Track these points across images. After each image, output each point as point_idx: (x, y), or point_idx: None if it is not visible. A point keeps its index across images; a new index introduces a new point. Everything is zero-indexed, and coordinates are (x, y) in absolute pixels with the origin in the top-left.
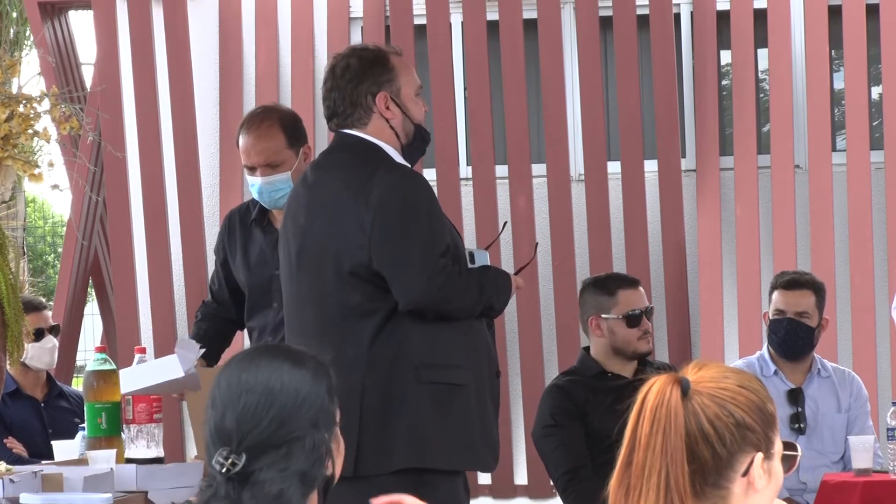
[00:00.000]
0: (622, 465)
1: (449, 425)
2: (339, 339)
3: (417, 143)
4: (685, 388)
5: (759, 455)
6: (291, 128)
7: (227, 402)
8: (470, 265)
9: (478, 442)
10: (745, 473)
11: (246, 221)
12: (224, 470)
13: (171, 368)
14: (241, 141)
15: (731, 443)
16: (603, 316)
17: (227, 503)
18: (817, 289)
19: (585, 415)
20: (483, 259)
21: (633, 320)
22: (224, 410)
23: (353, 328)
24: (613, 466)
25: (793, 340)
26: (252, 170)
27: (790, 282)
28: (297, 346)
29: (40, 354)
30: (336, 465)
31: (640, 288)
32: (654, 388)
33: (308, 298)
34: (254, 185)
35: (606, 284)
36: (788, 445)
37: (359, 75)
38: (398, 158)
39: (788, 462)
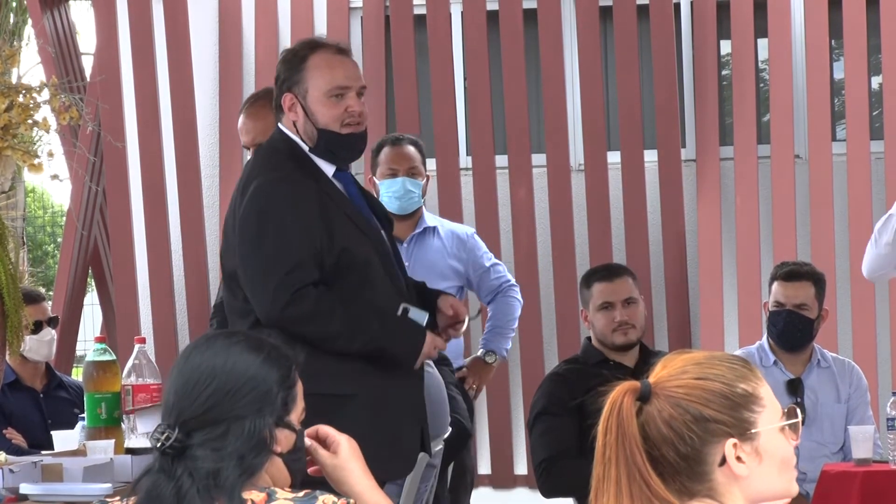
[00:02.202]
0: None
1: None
2: None
3: (323, 145)
4: (645, 394)
5: (731, 441)
6: None
7: (173, 378)
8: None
9: (373, 452)
10: (723, 463)
11: None
12: (159, 444)
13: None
14: (239, 122)
15: (692, 439)
16: (586, 309)
17: (162, 476)
18: (817, 280)
19: (584, 405)
20: (419, 318)
21: (605, 312)
22: (170, 387)
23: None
24: None
25: (791, 332)
26: (248, 149)
27: (789, 273)
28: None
29: (38, 346)
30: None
31: (619, 279)
32: (609, 399)
33: None
34: None
35: (588, 278)
36: (789, 412)
37: (278, 75)
38: (314, 158)
39: (793, 428)
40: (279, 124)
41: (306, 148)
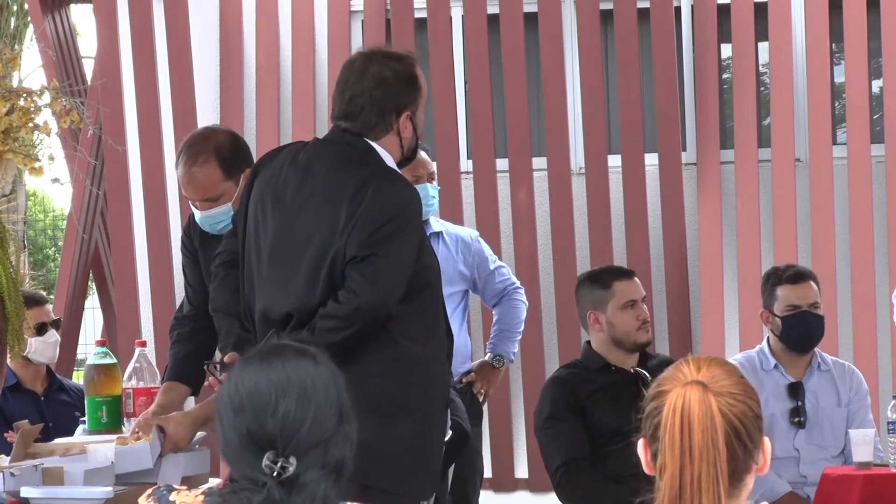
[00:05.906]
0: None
1: (388, 445)
2: None
3: (410, 154)
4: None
5: (766, 438)
6: (229, 158)
7: (260, 406)
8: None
9: (409, 465)
10: (757, 461)
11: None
12: (275, 474)
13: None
14: (178, 172)
15: (754, 435)
16: (600, 310)
17: None
18: (815, 279)
19: (586, 408)
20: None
21: (630, 311)
22: (260, 415)
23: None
24: (611, 459)
25: (811, 333)
26: (196, 205)
27: (797, 275)
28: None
29: (43, 349)
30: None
31: (636, 279)
32: (673, 401)
33: None
34: (195, 214)
35: (601, 278)
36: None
37: (393, 91)
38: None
39: None
40: (359, 133)
41: (388, 159)
